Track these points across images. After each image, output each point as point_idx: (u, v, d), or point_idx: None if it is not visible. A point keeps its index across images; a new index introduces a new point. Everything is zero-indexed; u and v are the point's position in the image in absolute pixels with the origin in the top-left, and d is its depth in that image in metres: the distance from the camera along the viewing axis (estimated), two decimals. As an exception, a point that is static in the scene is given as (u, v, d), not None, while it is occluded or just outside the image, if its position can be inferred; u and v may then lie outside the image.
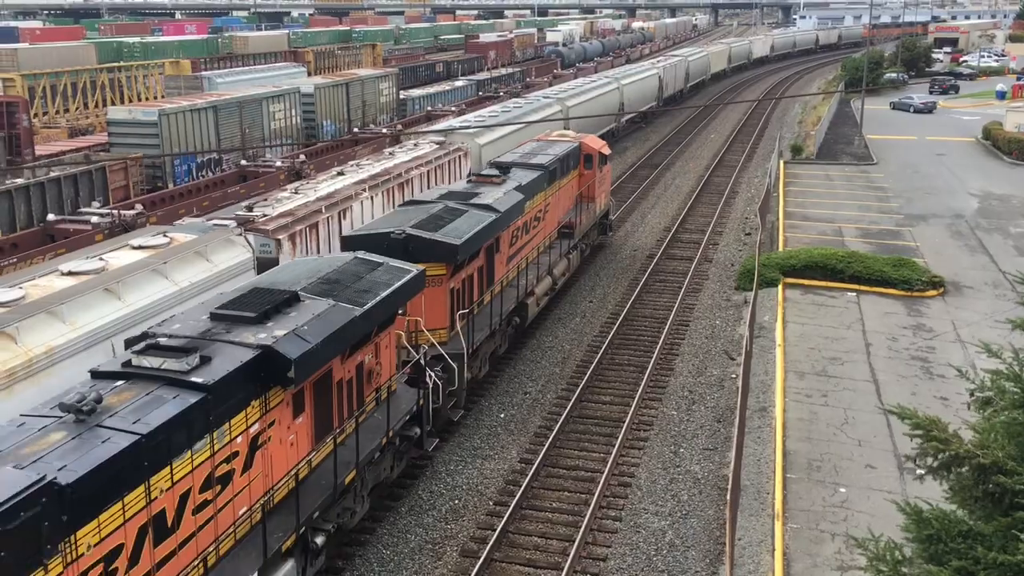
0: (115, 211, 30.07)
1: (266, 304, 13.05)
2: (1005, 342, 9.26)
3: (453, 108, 58.42)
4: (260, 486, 12.19)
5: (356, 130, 50.24)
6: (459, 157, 31.46)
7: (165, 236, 18.92)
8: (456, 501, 17.56)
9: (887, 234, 34.44)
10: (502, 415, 21.20)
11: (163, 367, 11.11)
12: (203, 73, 59.60)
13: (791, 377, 22.00)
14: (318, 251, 22.48)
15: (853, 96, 68.25)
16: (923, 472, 8.40)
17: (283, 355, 11.90)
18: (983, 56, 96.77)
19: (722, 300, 28.96)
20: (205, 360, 11.38)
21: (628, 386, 22.57)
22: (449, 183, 28.08)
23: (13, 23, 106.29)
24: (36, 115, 51.22)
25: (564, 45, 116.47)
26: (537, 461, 18.58)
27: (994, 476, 8.27)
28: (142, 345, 11.62)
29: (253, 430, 11.90)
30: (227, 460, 11.42)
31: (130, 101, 56.77)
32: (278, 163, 40.49)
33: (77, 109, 56.26)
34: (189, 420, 10.59)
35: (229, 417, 11.37)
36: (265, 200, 24.24)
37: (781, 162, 47.24)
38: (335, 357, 13.55)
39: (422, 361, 16.65)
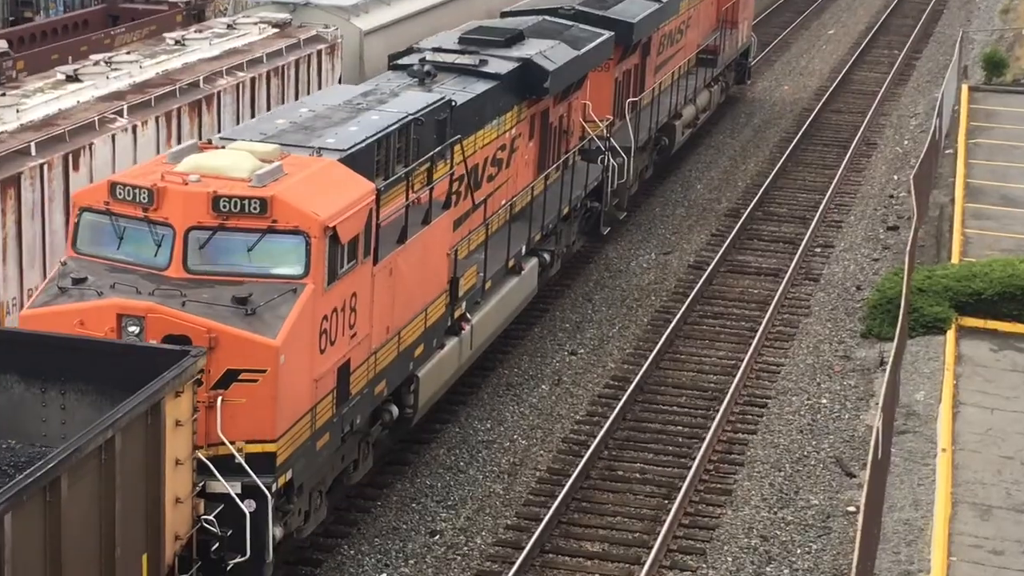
0: None
1: (509, 33, 17.40)
2: None
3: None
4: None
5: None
6: (318, 54, 21.52)
7: None
8: None
9: None
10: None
11: (456, 61, 16.45)
12: None
13: (963, 513, 16.44)
14: (18, 234, 14.17)
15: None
16: None
17: (541, 67, 16.84)
18: None
19: (834, 356, 20.23)
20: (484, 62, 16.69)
21: (644, 522, 13.84)
22: (296, 100, 18.49)
23: None
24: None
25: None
26: None
27: None
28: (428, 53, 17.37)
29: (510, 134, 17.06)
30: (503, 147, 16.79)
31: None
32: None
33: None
34: (490, 97, 16.06)
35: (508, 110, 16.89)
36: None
37: (965, 88, 34.57)
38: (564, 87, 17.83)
39: (596, 141, 19.21)
